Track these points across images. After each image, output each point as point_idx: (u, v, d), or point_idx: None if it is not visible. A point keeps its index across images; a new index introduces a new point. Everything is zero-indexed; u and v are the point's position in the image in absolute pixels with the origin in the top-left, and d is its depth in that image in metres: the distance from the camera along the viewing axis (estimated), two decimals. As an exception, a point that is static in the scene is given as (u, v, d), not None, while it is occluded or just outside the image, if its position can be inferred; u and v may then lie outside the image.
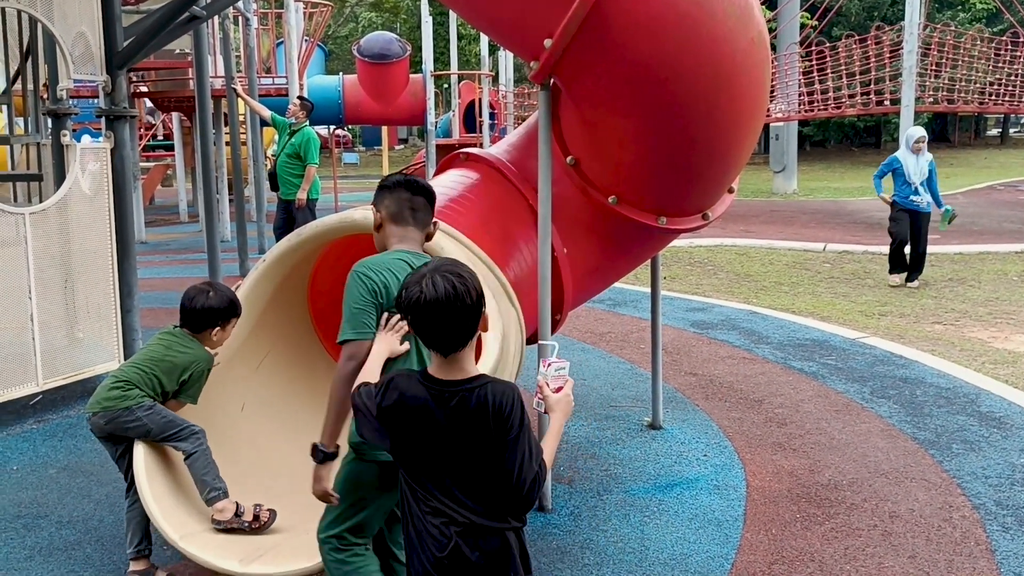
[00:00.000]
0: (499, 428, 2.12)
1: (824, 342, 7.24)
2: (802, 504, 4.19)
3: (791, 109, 18.28)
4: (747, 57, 3.65)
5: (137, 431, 3.38)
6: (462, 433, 2.13)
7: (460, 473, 2.15)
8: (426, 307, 2.11)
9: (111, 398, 3.40)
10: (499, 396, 2.13)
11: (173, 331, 3.62)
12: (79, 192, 5.78)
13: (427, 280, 2.12)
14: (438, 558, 2.15)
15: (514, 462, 2.12)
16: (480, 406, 2.12)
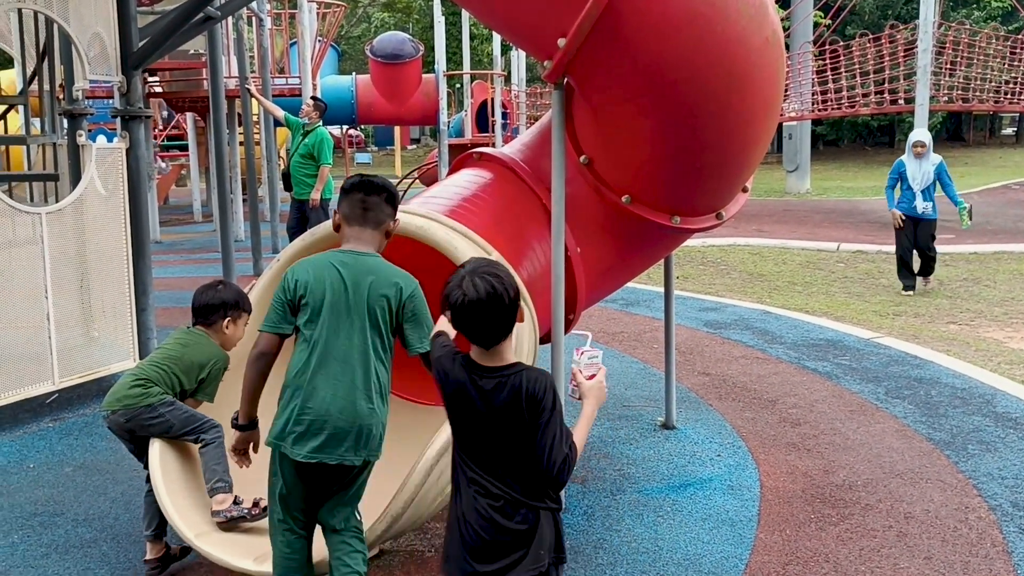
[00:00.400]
0: (532, 411, 2.26)
1: (838, 342, 7.21)
2: (816, 505, 4.18)
3: (804, 108, 18.20)
4: (761, 56, 3.63)
5: (158, 428, 3.40)
6: (498, 415, 2.29)
7: (499, 452, 2.31)
8: (468, 307, 2.26)
9: (132, 396, 3.42)
10: (533, 382, 2.28)
11: (188, 330, 3.65)
12: (95, 192, 5.82)
13: (467, 282, 2.27)
14: (475, 529, 2.30)
15: (544, 444, 2.25)
16: (515, 391, 2.27)
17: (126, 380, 3.48)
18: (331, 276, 2.82)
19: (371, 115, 19.74)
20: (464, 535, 2.32)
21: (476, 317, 2.27)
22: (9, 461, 4.88)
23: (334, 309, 2.80)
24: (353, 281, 2.82)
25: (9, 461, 4.88)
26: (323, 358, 2.77)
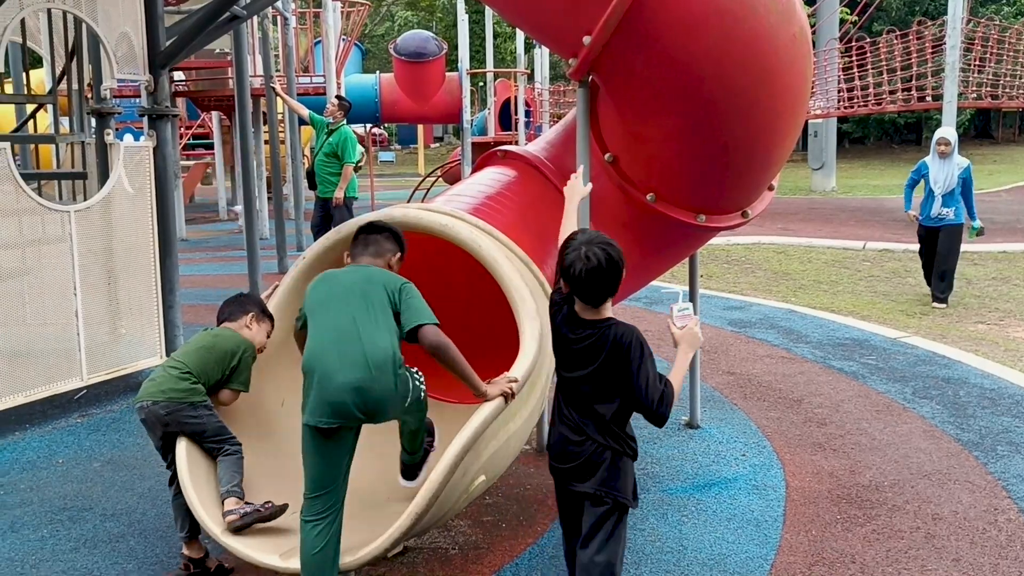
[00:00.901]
0: (623, 358, 2.72)
1: (864, 341, 7.15)
2: (843, 505, 4.14)
3: (830, 106, 18.05)
4: (789, 53, 3.61)
5: (193, 428, 3.41)
6: (593, 361, 2.76)
7: (585, 392, 2.79)
8: (589, 273, 2.72)
9: (180, 390, 3.42)
10: (622, 335, 2.75)
11: (214, 329, 3.69)
12: (122, 190, 5.88)
13: (586, 251, 2.72)
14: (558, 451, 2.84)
15: (640, 384, 2.71)
16: (609, 341, 2.74)
17: (171, 372, 3.48)
18: (328, 281, 3.20)
19: (395, 113, 19.78)
20: (553, 451, 2.88)
21: (593, 281, 2.72)
22: (39, 456, 4.94)
23: (330, 297, 3.12)
24: (347, 279, 3.16)
25: (39, 456, 4.94)
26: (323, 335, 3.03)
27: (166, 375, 3.48)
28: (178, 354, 3.60)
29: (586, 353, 2.78)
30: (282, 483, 3.65)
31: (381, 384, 2.94)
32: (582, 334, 2.80)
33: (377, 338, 2.98)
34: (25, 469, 4.75)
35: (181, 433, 3.42)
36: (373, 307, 3.05)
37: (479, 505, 4.16)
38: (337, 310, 3.05)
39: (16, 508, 4.25)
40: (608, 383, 2.77)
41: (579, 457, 2.80)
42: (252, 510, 3.26)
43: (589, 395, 2.80)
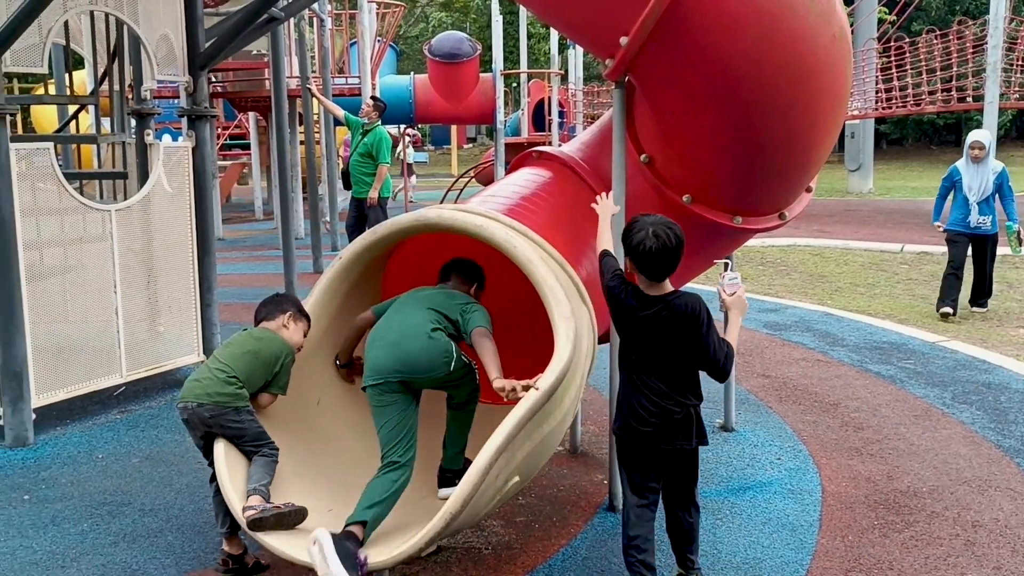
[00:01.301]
0: (693, 324, 3.06)
1: (902, 345, 7.05)
2: (880, 511, 4.09)
3: (868, 106, 17.84)
4: (828, 54, 3.57)
5: (234, 432, 3.44)
6: (664, 331, 3.09)
7: (659, 360, 3.13)
8: (657, 251, 3.05)
9: (227, 394, 3.44)
10: (688, 304, 3.09)
11: (253, 329, 3.72)
12: (162, 190, 5.96)
13: (655, 231, 3.05)
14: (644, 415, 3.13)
15: (710, 344, 3.08)
16: (678, 311, 3.08)
17: (217, 375, 3.49)
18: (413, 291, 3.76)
19: (429, 114, 19.86)
20: (633, 420, 3.16)
21: (660, 258, 3.05)
22: (79, 451, 5.03)
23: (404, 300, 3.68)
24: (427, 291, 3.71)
25: (79, 451, 5.03)
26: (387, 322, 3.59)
27: (212, 378, 3.49)
28: (223, 356, 3.60)
29: (657, 324, 3.10)
30: (314, 482, 3.68)
31: (413, 342, 3.42)
32: (652, 309, 3.10)
33: (414, 316, 3.52)
34: (66, 464, 4.83)
35: (222, 435, 3.46)
36: (426, 305, 3.57)
37: (512, 506, 4.16)
38: (401, 304, 3.65)
39: (57, 502, 4.33)
40: (681, 348, 3.11)
41: (669, 418, 3.12)
42: (271, 507, 3.27)
43: (665, 361, 3.13)
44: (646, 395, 3.14)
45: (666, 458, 3.21)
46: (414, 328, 3.47)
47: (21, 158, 5.14)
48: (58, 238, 5.74)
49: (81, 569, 3.65)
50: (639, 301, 3.13)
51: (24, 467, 4.79)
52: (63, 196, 5.39)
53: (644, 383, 3.15)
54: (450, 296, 3.67)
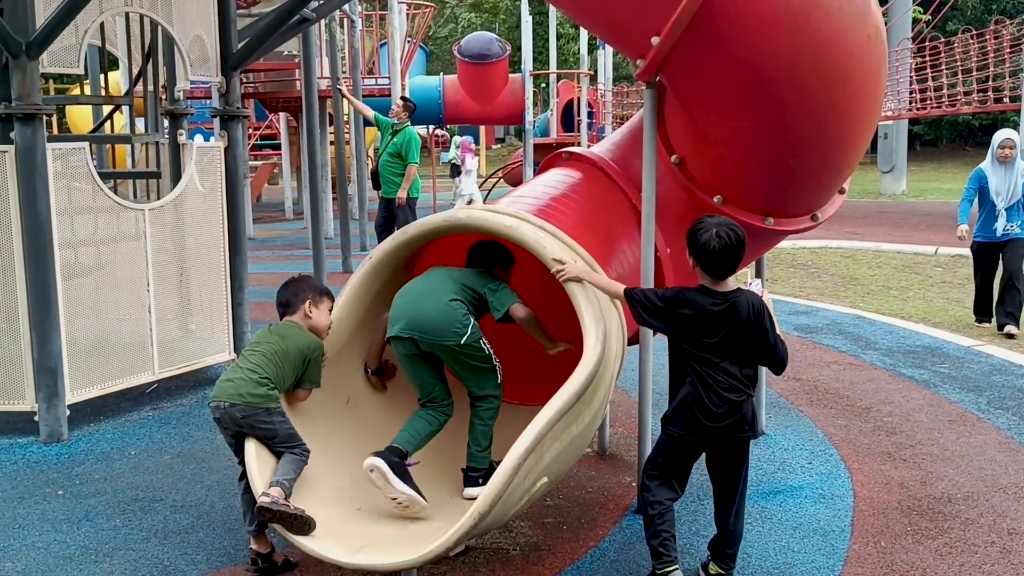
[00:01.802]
0: (759, 317, 3.23)
1: (936, 349, 6.96)
2: (913, 517, 4.04)
3: (901, 107, 17.64)
4: (863, 54, 3.53)
5: (265, 432, 3.45)
6: (734, 324, 3.21)
7: (729, 354, 3.24)
8: (723, 250, 3.17)
9: (257, 395, 3.45)
10: (753, 299, 3.26)
11: (279, 324, 3.72)
12: (194, 189, 6.02)
13: (719, 231, 3.17)
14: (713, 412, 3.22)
15: (772, 338, 3.25)
16: (740, 307, 3.22)
17: (249, 376, 3.49)
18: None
19: (458, 115, 19.92)
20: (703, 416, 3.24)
21: (725, 257, 3.18)
22: (112, 447, 5.09)
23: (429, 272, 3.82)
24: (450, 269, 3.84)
25: (112, 447, 5.09)
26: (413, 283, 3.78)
27: (244, 378, 3.49)
28: (253, 356, 3.59)
29: (727, 319, 3.21)
30: (343, 479, 3.69)
31: (429, 302, 3.59)
32: (723, 304, 3.22)
33: (438, 283, 3.68)
34: (99, 460, 4.89)
35: (253, 435, 3.48)
36: (453, 276, 3.71)
37: (540, 507, 4.15)
38: (428, 275, 3.78)
39: (91, 497, 4.38)
40: (749, 341, 3.23)
41: (735, 412, 3.23)
42: (283, 503, 3.25)
43: (734, 355, 3.24)
44: (715, 390, 3.22)
45: (726, 451, 3.32)
46: (434, 291, 3.64)
47: (57, 158, 5.21)
48: (92, 237, 5.81)
49: (114, 564, 3.69)
50: (711, 296, 3.24)
51: (58, 462, 4.86)
52: (98, 195, 5.46)
53: (712, 378, 3.23)
54: (479, 274, 3.78)
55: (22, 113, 4.94)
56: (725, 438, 3.27)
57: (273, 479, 3.37)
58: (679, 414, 3.32)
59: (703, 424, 3.25)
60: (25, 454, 4.99)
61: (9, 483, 4.58)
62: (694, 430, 3.28)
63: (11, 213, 5.05)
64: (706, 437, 3.28)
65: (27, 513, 4.21)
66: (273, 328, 3.72)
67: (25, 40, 4.92)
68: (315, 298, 3.75)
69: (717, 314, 3.22)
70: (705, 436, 3.28)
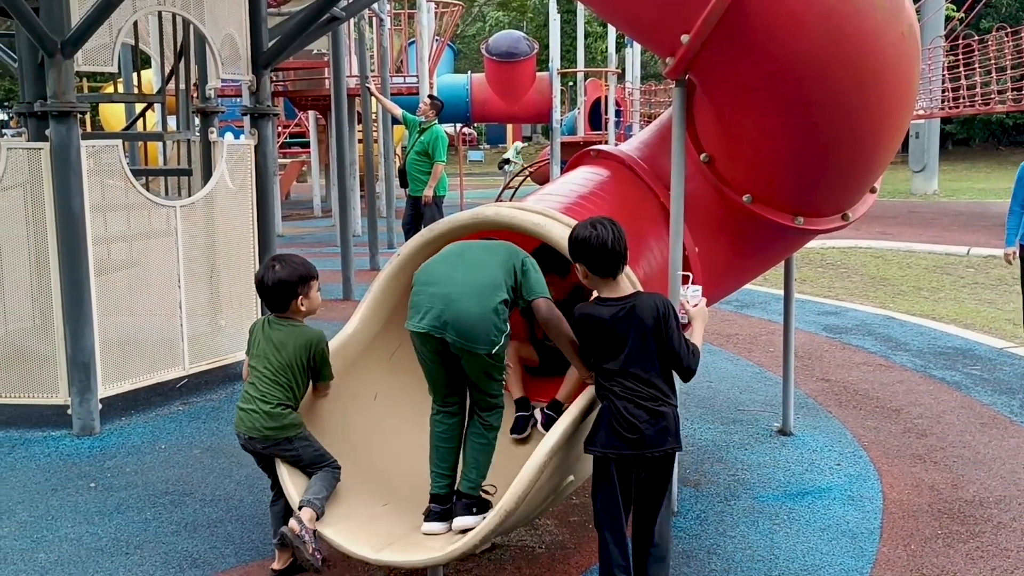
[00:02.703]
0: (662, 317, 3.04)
1: (968, 351, 6.87)
2: (944, 520, 3.99)
3: (933, 106, 17.40)
4: (896, 52, 3.49)
5: (290, 460, 3.41)
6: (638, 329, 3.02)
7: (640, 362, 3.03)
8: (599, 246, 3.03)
9: (273, 428, 3.39)
10: (653, 299, 3.08)
11: (273, 325, 3.55)
12: (225, 186, 6.07)
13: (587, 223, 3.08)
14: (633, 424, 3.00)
15: (674, 339, 3.05)
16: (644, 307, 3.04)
17: (261, 407, 3.40)
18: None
19: (485, 113, 19.93)
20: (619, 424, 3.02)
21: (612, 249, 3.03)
22: (143, 441, 5.15)
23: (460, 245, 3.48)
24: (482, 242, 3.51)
25: (143, 441, 5.15)
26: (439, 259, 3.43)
27: (257, 411, 3.40)
28: (261, 381, 3.46)
29: (628, 324, 3.03)
30: (373, 480, 3.70)
31: (471, 304, 3.17)
32: (621, 310, 3.05)
33: (483, 270, 3.27)
34: (131, 453, 4.95)
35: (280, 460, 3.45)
36: (493, 255, 3.34)
37: (566, 505, 4.15)
38: (463, 247, 3.45)
39: (122, 490, 4.44)
40: (654, 344, 3.05)
41: (657, 423, 3.03)
42: (306, 537, 3.19)
43: (646, 362, 3.04)
44: (632, 400, 3.02)
45: (650, 466, 3.07)
46: (478, 284, 3.22)
47: (91, 155, 5.28)
48: (124, 233, 5.89)
49: (144, 556, 3.74)
50: (609, 306, 3.07)
51: (90, 455, 4.93)
52: (130, 192, 5.52)
53: (629, 389, 3.03)
54: (505, 247, 3.42)
55: (57, 111, 5.01)
56: (648, 452, 3.03)
57: (305, 496, 3.32)
58: (597, 431, 3.09)
59: (625, 438, 3.01)
60: (58, 447, 5.07)
61: (43, 475, 4.65)
62: (615, 446, 3.03)
63: (46, 209, 5.12)
64: (630, 452, 3.03)
65: (60, 505, 4.27)
66: (269, 332, 3.53)
67: (60, 39, 4.99)
68: (304, 291, 3.54)
69: (619, 321, 3.03)
70: (629, 451, 3.03)
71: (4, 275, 5.33)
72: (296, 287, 3.53)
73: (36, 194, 5.14)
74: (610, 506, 3.08)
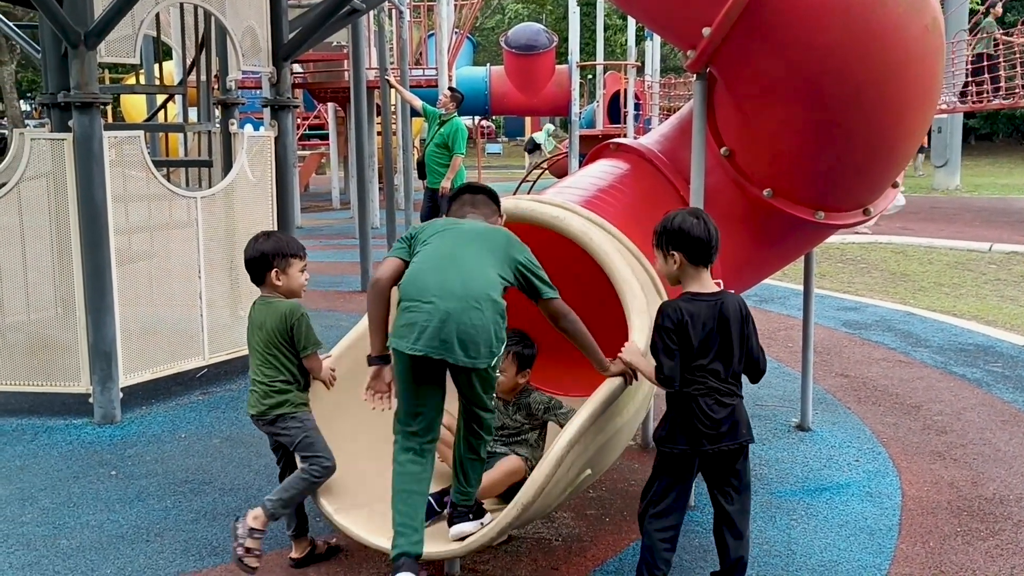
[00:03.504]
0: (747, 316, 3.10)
1: (989, 348, 6.81)
2: (963, 517, 3.96)
3: (956, 100, 17.23)
4: (920, 45, 3.46)
5: (285, 440, 3.44)
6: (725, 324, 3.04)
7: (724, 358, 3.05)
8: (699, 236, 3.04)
9: (268, 405, 3.42)
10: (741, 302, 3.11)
11: (254, 305, 3.55)
12: (245, 178, 6.10)
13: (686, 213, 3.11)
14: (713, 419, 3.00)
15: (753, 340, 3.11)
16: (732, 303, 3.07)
17: (258, 387, 3.44)
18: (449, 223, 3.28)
19: (504, 106, 19.88)
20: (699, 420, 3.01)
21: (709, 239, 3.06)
22: (163, 430, 5.19)
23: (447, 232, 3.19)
24: (469, 225, 3.24)
25: (163, 430, 5.19)
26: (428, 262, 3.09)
27: (255, 390, 3.45)
28: (255, 359, 3.49)
29: (713, 322, 3.03)
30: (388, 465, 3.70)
31: (471, 316, 2.92)
32: (711, 307, 3.03)
33: (479, 273, 3.02)
34: (151, 442, 5.00)
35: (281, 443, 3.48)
36: (488, 252, 3.09)
37: (583, 498, 4.16)
38: (452, 243, 3.12)
39: (142, 479, 4.48)
40: (735, 345, 3.05)
41: (732, 417, 3.04)
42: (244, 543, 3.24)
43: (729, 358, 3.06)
44: (715, 398, 3.02)
45: (727, 459, 3.08)
46: (477, 298, 2.94)
47: (113, 146, 5.32)
48: (146, 224, 5.93)
49: (164, 544, 3.78)
50: (701, 301, 3.05)
51: (112, 444, 4.97)
52: (151, 183, 5.56)
53: (712, 387, 3.03)
54: (502, 236, 3.18)
55: (80, 102, 5.05)
56: (726, 445, 3.04)
57: (267, 497, 3.34)
58: (674, 428, 3.07)
59: (706, 434, 3.01)
60: (80, 435, 5.12)
61: (64, 463, 4.70)
62: (697, 444, 3.02)
63: (69, 199, 5.17)
64: (709, 448, 3.03)
65: (82, 492, 4.32)
66: (253, 313, 3.53)
67: (84, 30, 5.03)
68: (280, 264, 3.45)
69: (714, 318, 3.03)
70: (708, 447, 3.03)
71: (27, 264, 5.38)
72: (271, 259, 3.44)
73: (59, 184, 5.19)
74: (679, 505, 3.10)
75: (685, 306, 3.03)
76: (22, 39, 7.91)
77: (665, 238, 3.10)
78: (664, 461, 3.11)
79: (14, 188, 5.21)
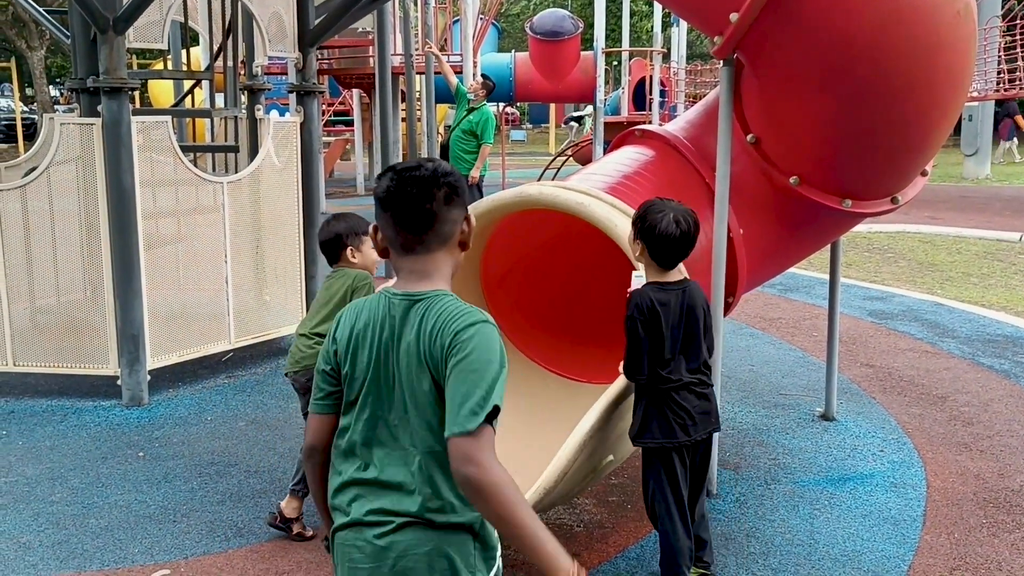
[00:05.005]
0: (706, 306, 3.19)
1: (1018, 339, 6.73)
2: (989, 509, 3.93)
3: (988, 88, 16.97)
4: (951, 31, 3.41)
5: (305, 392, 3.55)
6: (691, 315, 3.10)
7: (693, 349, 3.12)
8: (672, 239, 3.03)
9: (312, 355, 3.54)
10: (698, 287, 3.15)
11: (328, 277, 3.71)
12: (271, 163, 6.14)
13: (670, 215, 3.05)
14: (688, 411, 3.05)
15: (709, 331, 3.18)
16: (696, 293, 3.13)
17: (302, 342, 3.64)
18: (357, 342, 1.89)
19: (529, 93, 19.80)
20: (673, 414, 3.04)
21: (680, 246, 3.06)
22: (190, 413, 5.25)
23: (361, 378, 1.88)
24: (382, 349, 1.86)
25: (190, 413, 5.25)
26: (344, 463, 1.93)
27: (297, 346, 3.64)
28: (306, 319, 3.74)
29: (679, 311, 3.06)
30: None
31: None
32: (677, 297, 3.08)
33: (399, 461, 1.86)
34: (178, 424, 5.06)
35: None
36: (411, 410, 1.85)
37: (605, 485, 4.16)
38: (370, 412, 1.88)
39: (169, 460, 4.54)
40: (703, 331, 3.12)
41: (702, 407, 3.10)
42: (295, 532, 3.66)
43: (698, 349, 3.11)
44: (689, 388, 3.08)
45: (698, 448, 3.19)
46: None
47: (141, 131, 5.36)
48: (173, 208, 5.98)
49: (191, 524, 3.83)
50: (666, 291, 3.09)
51: (139, 426, 5.04)
52: (179, 168, 5.61)
53: (684, 378, 3.08)
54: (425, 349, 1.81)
55: (109, 87, 5.09)
56: (699, 435, 3.10)
57: (293, 482, 3.64)
58: (648, 423, 3.09)
59: (682, 426, 3.06)
60: (108, 416, 5.19)
61: (93, 444, 4.77)
62: (673, 437, 3.06)
63: (98, 184, 5.22)
64: (686, 439, 3.08)
65: (110, 473, 4.38)
66: (327, 279, 3.70)
67: (112, 16, 5.07)
68: (355, 243, 3.62)
69: (681, 307, 3.07)
70: (685, 438, 3.07)
71: (57, 248, 5.45)
72: (344, 239, 3.62)
73: (88, 169, 5.24)
74: (676, 495, 3.13)
75: (655, 295, 3.07)
76: (52, 24, 7.98)
77: (639, 224, 3.13)
78: (647, 457, 3.18)
79: (44, 172, 5.28)
